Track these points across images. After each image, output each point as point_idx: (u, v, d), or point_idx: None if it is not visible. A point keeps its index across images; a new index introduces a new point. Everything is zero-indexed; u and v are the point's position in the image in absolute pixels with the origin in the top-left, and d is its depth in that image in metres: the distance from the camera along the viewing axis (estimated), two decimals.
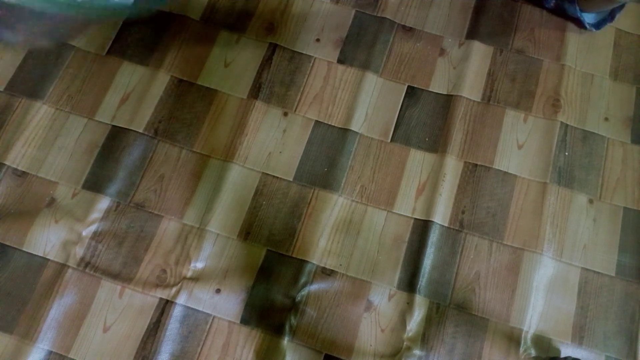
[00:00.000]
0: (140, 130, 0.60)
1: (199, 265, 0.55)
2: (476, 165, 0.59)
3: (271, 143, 0.59)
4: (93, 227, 0.56)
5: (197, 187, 0.58)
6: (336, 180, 0.58)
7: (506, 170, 0.59)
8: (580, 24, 0.66)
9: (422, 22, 0.67)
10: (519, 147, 0.61)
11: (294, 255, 0.55)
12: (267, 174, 0.58)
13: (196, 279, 0.55)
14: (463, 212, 0.57)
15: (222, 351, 0.52)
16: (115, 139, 0.60)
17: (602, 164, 0.60)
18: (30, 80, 0.62)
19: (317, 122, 0.60)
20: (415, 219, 0.57)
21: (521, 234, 0.57)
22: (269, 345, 0.52)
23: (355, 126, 0.60)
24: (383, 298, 0.54)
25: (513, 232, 0.57)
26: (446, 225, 0.57)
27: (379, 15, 0.67)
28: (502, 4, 0.68)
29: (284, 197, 0.58)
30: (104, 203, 0.57)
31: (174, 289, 0.54)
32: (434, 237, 0.56)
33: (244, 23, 0.66)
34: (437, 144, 0.60)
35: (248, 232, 0.56)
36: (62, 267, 0.55)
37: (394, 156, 0.59)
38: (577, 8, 0.64)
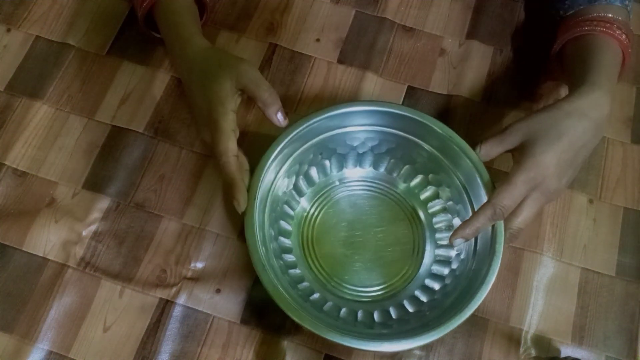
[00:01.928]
0: (140, 130, 0.60)
1: (199, 265, 0.55)
2: None
3: None
4: (93, 227, 0.56)
5: (197, 187, 0.58)
6: None
7: (507, 171, 0.59)
8: None
9: (422, 22, 0.67)
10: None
11: None
12: None
13: (196, 279, 0.55)
14: None
15: (222, 351, 0.52)
16: (115, 139, 0.60)
17: (602, 164, 0.60)
18: (30, 80, 0.62)
19: None
20: None
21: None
22: (269, 345, 0.52)
23: None
24: None
25: None
26: None
27: (379, 15, 0.67)
28: (502, 4, 0.68)
29: None
30: (104, 203, 0.57)
31: (174, 289, 0.54)
32: None
33: (244, 23, 0.66)
34: None
35: None
36: (62, 267, 0.55)
37: None
38: None
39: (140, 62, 0.63)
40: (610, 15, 0.53)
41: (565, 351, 0.53)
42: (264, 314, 0.54)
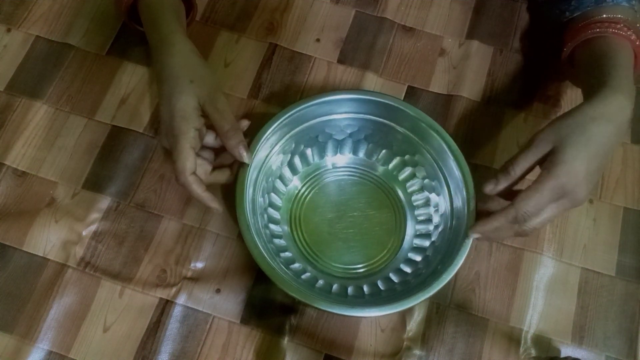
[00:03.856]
0: (140, 130, 0.60)
1: (199, 265, 0.55)
2: (476, 165, 0.59)
3: None
4: (93, 227, 0.56)
5: None
6: None
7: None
8: None
9: (422, 22, 0.67)
10: (519, 147, 0.60)
11: None
12: None
13: (196, 279, 0.55)
14: None
15: (222, 351, 0.52)
16: (115, 139, 0.60)
17: None
18: (30, 80, 0.62)
19: None
20: None
21: None
22: (269, 345, 0.53)
23: None
24: None
25: None
26: None
27: (379, 15, 0.67)
28: (502, 4, 0.68)
29: None
30: (104, 203, 0.57)
31: (174, 289, 0.54)
32: None
33: (244, 23, 0.66)
34: None
35: None
36: (62, 267, 0.55)
37: None
38: None
39: (140, 62, 0.63)
40: (619, 16, 0.52)
41: (565, 351, 0.53)
42: (264, 314, 0.54)
